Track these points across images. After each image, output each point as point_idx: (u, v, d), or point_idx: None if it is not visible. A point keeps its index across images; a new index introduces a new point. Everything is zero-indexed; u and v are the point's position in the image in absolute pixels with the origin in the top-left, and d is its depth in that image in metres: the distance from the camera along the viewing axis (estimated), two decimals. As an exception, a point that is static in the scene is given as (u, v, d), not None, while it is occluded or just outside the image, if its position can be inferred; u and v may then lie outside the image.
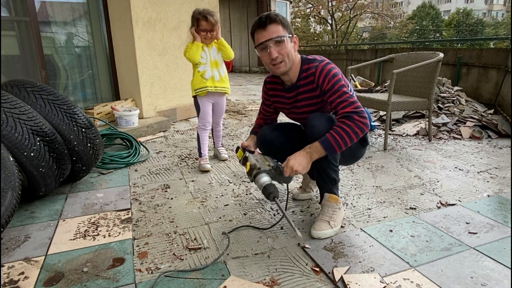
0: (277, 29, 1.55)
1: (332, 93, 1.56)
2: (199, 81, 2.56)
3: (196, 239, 1.66)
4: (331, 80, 1.57)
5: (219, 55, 2.59)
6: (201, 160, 2.66)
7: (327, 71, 1.58)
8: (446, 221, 1.79)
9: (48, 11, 3.49)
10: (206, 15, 2.41)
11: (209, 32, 2.47)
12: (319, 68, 1.59)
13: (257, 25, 1.57)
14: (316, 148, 1.52)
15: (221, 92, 2.65)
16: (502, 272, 1.38)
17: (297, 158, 1.52)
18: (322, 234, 1.64)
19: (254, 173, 1.52)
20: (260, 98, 6.41)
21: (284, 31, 1.56)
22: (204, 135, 2.68)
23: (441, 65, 3.07)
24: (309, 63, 1.64)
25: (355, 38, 28.57)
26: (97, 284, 1.34)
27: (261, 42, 1.56)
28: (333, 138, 1.49)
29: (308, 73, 1.63)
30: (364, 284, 1.31)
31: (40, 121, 1.86)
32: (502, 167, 2.57)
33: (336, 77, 1.58)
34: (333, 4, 22.82)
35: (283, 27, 1.56)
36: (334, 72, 1.58)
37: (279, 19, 1.55)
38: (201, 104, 2.62)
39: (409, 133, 3.54)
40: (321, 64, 1.60)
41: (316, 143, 1.52)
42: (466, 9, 35.01)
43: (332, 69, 1.59)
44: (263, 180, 1.50)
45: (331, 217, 1.69)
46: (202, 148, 2.68)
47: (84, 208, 1.99)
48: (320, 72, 1.59)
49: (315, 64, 1.62)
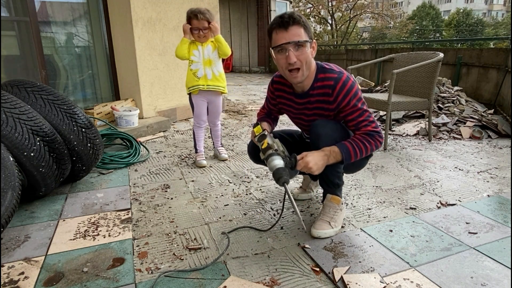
0: (299, 31, 1.43)
1: (352, 112, 1.53)
2: (192, 79, 2.57)
3: (196, 239, 1.66)
4: (353, 99, 1.51)
5: (214, 53, 2.56)
6: (197, 156, 2.72)
7: (348, 89, 1.50)
8: (446, 221, 1.79)
9: (48, 11, 3.49)
10: (197, 13, 2.40)
11: (201, 30, 2.45)
12: (339, 83, 1.50)
13: (278, 25, 1.44)
14: (334, 153, 1.51)
15: (215, 91, 2.62)
16: (502, 272, 1.38)
17: (315, 157, 1.47)
18: (323, 233, 1.64)
19: (269, 153, 1.46)
20: (260, 99, 6.43)
21: (305, 35, 1.45)
22: (199, 132, 2.73)
23: (441, 65, 3.07)
24: (325, 72, 1.55)
25: (355, 38, 28.56)
26: (97, 284, 1.34)
27: (280, 44, 1.44)
28: (353, 148, 1.51)
29: (324, 83, 1.54)
30: (364, 284, 1.31)
31: (40, 121, 1.87)
32: (502, 167, 2.57)
33: (357, 95, 1.52)
34: (333, 4, 22.82)
35: (305, 30, 1.45)
36: (355, 90, 1.51)
37: (302, 21, 1.44)
38: (195, 102, 2.64)
39: (409, 133, 3.54)
40: (341, 78, 1.51)
41: (336, 148, 1.50)
42: (466, 9, 35.02)
43: (353, 85, 1.51)
44: (276, 163, 1.43)
45: (332, 217, 1.69)
46: (197, 145, 2.75)
47: (84, 208, 1.99)
48: (340, 88, 1.50)
49: (334, 76, 1.52)
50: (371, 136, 1.53)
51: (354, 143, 1.52)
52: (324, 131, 1.54)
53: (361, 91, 5.46)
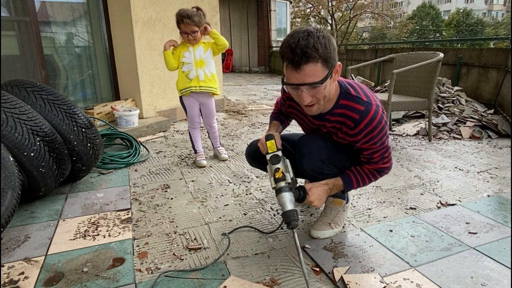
0: (314, 70, 1.17)
1: (370, 148, 1.39)
2: (184, 81, 2.53)
3: (196, 239, 1.66)
4: (376, 137, 1.34)
5: (206, 54, 2.51)
6: (197, 156, 2.72)
7: (375, 126, 1.31)
8: (446, 221, 1.79)
9: (48, 11, 3.49)
10: (183, 17, 2.32)
11: (189, 34, 2.39)
12: (365, 120, 1.31)
13: (289, 61, 1.18)
14: (338, 186, 1.48)
15: (207, 92, 2.58)
16: (502, 272, 1.38)
17: (319, 193, 1.42)
18: (321, 234, 1.65)
19: (281, 186, 1.34)
20: (260, 98, 6.42)
21: (323, 69, 1.19)
22: (195, 133, 2.73)
23: (441, 65, 3.07)
24: (350, 100, 1.34)
25: (355, 38, 28.56)
26: (97, 284, 1.34)
27: (292, 84, 1.23)
28: (356, 181, 1.48)
29: (347, 113, 1.34)
30: (364, 284, 1.31)
31: (40, 121, 1.86)
32: (502, 167, 2.57)
33: (382, 132, 1.34)
34: (333, 4, 22.82)
35: (323, 63, 1.18)
36: (381, 127, 1.33)
37: (319, 54, 1.15)
38: (187, 105, 2.62)
39: (409, 133, 3.54)
40: (369, 113, 1.30)
41: (339, 181, 1.47)
42: (466, 9, 35.02)
43: (381, 121, 1.32)
44: (288, 202, 1.32)
45: (333, 219, 1.68)
46: (195, 145, 2.75)
47: (84, 208, 1.99)
48: (366, 125, 1.31)
49: (361, 109, 1.31)
50: (379, 172, 1.49)
51: (360, 176, 1.47)
52: (308, 150, 1.45)
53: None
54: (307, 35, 1.16)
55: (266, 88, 8.02)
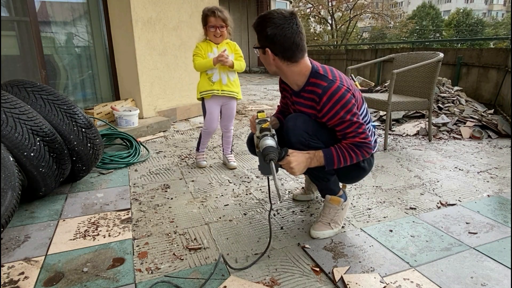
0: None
1: (339, 123, 1.47)
2: (206, 84, 2.42)
3: (196, 239, 1.66)
4: (340, 111, 1.43)
5: (230, 57, 2.39)
6: (198, 155, 2.69)
7: (336, 100, 1.42)
8: (446, 221, 1.79)
9: (48, 11, 3.49)
10: (214, 10, 2.30)
11: (218, 28, 2.33)
12: (326, 94, 1.43)
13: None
14: (318, 157, 1.50)
15: (230, 96, 2.50)
16: (502, 272, 1.38)
17: (298, 158, 1.47)
18: (321, 234, 1.66)
19: (265, 133, 1.47)
20: (260, 98, 6.43)
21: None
22: (206, 137, 2.65)
23: (441, 65, 3.07)
24: (317, 78, 1.48)
25: (355, 38, 28.56)
26: (97, 284, 1.34)
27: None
28: (337, 156, 1.49)
29: (313, 89, 1.48)
30: (364, 284, 1.31)
31: (40, 121, 1.87)
32: (502, 167, 2.57)
33: (346, 107, 1.43)
34: (333, 4, 22.82)
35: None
36: (344, 102, 1.43)
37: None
38: (208, 107, 2.49)
39: (409, 133, 3.54)
40: (330, 88, 1.43)
41: (320, 152, 1.50)
42: (466, 9, 35.01)
43: (343, 96, 1.42)
44: (269, 142, 1.42)
45: (332, 219, 1.69)
46: (201, 145, 2.69)
47: (84, 208, 1.99)
48: (327, 99, 1.43)
49: (324, 84, 1.45)
50: (358, 146, 1.49)
51: (340, 150, 1.49)
52: (293, 124, 1.53)
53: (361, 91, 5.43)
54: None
55: (266, 88, 8.02)
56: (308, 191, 2.08)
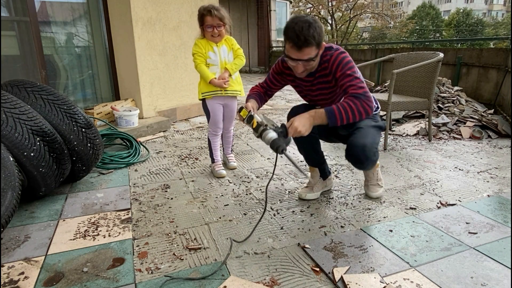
0: (310, 51, 1.59)
1: (343, 77, 1.67)
2: (208, 84, 2.33)
3: (196, 239, 1.66)
4: (344, 67, 1.68)
5: (230, 55, 2.36)
6: (215, 165, 2.52)
7: (341, 59, 1.69)
8: (446, 221, 1.79)
9: (48, 11, 3.49)
10: (210, 9, 2.21)
11: (215, 28, 2.24)
12: (333, 56, 1.70)
13: (293, 43, 1.57)
14: (320, 115, 1.61)
15: (232, 96, 2.44)
16: (502, 272, 1.38)
17: (301, 120, 1.57)
18: (379, 194, 2.07)
19: (261, 129, 1.56)
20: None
21: (316, 50, 1.61)
22: (215, 140, 2.53)
23: (441, 65, 3.07)
24: (325, 50, 1.72)
25: (355, 38, 28.56)
26: (97, 284, 1.34)
27: (292, 58, 1.63)
28: (338, 110, 1.60)
29: (324, 60, 1.72)
30: (364, 284, 1.31)
31: (40, 121, 1.86)
32: (502, 167, 2.57)
33: (349, 64, 1.69)
34: (333, 4, 22.83)
35: (316, 47, 1.60)
36: (347, 60, 1.69)
37: (315, 41, 1.56)
38: (211, 108, 2.40)
39: (409, 133, 3.54)
40: (335, 52, 1.71)
41: (322, 110, 1.61)
42: (466, 9, 35.02)
43: (346, 57, 1.70)
44: (270, 135, 1.53)
45: (377, 178, 2.08)
46: (214, 154, 2.54)
47: (84, 208, 1.99)
48: (334, 59, 1.69)
49: (331, 52, 1.72)
50: (357, 98, 1.61)
51: (340, 105, 1.61)
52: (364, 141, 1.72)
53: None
54: (308, 25, 1.54)
55: (266, 88, 8.01)
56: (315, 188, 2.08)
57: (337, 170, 2.57)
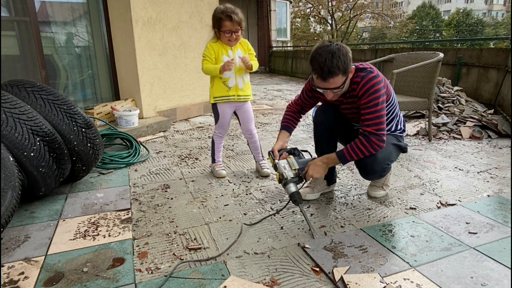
0: (336, 80, 1.60)
1: (365, 108, 1.70)
2: (221, 89, 2.26)
3: (196, 239, 1.66)
4: (369, 96, 1.67)
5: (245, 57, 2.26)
6: (215, 165, 2.50)
7: (368, 88, 1.67)
8: (446, 221, 1.79)
9: (48, 11, 3.49)
10: (230, 14, 2.08)
11: (233, 33, 2.14)
12: (363, 81, 1.68)
13: (318, 74, 1.59)
14: (332, 160, 1.79)
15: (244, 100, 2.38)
16: (502, 272, 1.38)
17: (316, 168, 1.77)
18: (378, 194, 2.07)
19: (283, 183, 1.81)
20: (260, 99, 6.42)
21: (343, 77, 1.61)
22: (219, 142, 2.51)
23: (441, 65, 3.07)
24: (358, 72, 1.72)
25: (355, 38, 28.56)
26: (97, 284, 1.34)
27: (320, 87, 1.68)
28: (348, 154, 1.74)
29: (354, 81, 1.72)
30: (364, 284, 1.31)
31: (40, 121, 1.86)
32: (502, 167, 2.57)
33: (375, 94, 1.67)
34: (333, 4, 22.84)
35: (343, 74, 1.60)
36: (374, 89, 1.66)
37: (340, 70, 1.56)
38: (221, 112, 2.36)
39: (409, 133, 3.54)
40: (367, 77, 1.68)
41: (334, 155, 1.77)
42: (466, 9, 35.01)
43: (374, 85, 1.67)
44: (290, 189, 1.76)
45: (384, 183, 2.08)
46: (216, 155, 2.52)
47: (84, 208, 1.99)
48: (362, 85, 1.68)
49: (362, 74, 1.70)
50: (367, 138, 1.70)
51: (351, 147, 1.74)
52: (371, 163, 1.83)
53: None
54: (331, 56, 1.56)
55: (266, 88, 8.02)
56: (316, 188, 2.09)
57: (337, 170, 2.57)
